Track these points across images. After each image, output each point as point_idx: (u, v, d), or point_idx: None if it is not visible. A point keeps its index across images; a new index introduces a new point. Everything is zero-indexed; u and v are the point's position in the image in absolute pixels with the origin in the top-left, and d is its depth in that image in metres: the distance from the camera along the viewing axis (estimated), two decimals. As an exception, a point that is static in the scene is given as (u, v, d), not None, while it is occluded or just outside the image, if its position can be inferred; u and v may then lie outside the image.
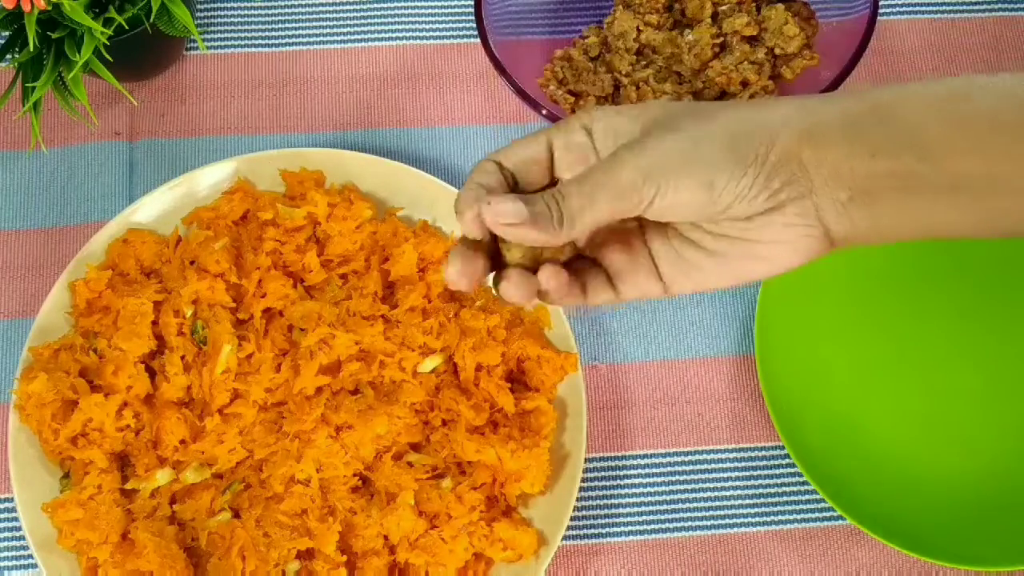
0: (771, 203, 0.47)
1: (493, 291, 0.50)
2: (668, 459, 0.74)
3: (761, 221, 0.47)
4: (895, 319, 0.76)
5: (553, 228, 0.47)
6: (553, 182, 0.51)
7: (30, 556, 0.70)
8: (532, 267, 0.49)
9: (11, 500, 0.70)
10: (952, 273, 0.77)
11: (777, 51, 0.77)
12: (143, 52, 0.77)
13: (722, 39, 0.78)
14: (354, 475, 0.69)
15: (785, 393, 0.71)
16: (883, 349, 0.75)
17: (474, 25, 0.74)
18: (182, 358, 0.71)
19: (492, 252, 0.49)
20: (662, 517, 0.73)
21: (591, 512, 0.73)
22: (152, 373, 0.71)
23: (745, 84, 0.76)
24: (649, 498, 0.73)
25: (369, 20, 0.84)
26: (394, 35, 0.83)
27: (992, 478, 0.72)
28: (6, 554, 0.71)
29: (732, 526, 0.72)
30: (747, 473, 0.74)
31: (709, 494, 0.73)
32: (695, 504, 0.73)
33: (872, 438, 0.73)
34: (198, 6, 0.83)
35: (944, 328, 0.76)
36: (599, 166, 0.47)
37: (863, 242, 0.48)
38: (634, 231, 0.52)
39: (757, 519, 0.73)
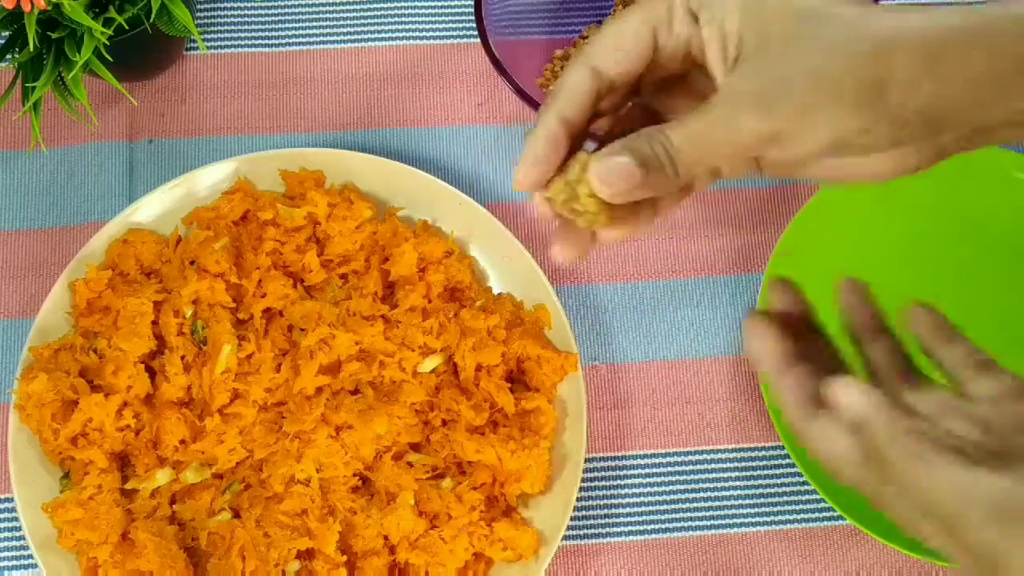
0: (893, 145, 0.43)
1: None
2: (668, 459, 0.74)
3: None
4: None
5: (667, 181, 0.42)
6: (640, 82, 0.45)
7: (30, 556, 0.70)
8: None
9: (11, 500, 0.70)
10: (955, 274, 0.77)
11: (777, 51, 0.77)
12: (143, 52, 0.77)
13: (722, 39, 0.77)
14: (354, 475, 0.69)
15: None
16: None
17: (474, 25, 0.74)
18: (182, 358, 0.71)
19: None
20: (662, 517, 0.73)
21: (591, 512, 0.73)
22: (152, 373, 0.71)
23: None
24: (649, 498, 0.73)
25: (369, 20, 0.84)
26: (394, 35, 0.83)
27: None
28: (6, 554, 0.71)
29: (732, 526, 0.72)
30: (747, 473, 0.74)
31: (709, 494, 0.73)
32: (695, 504, 0.73)
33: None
34: (198, 6, 0.83)
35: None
36: (715, 113, 0.41)
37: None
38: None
39: (757, 519, 0.73)
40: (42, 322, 0.72)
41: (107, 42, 0.68)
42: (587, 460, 0.73)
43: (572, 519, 0.71)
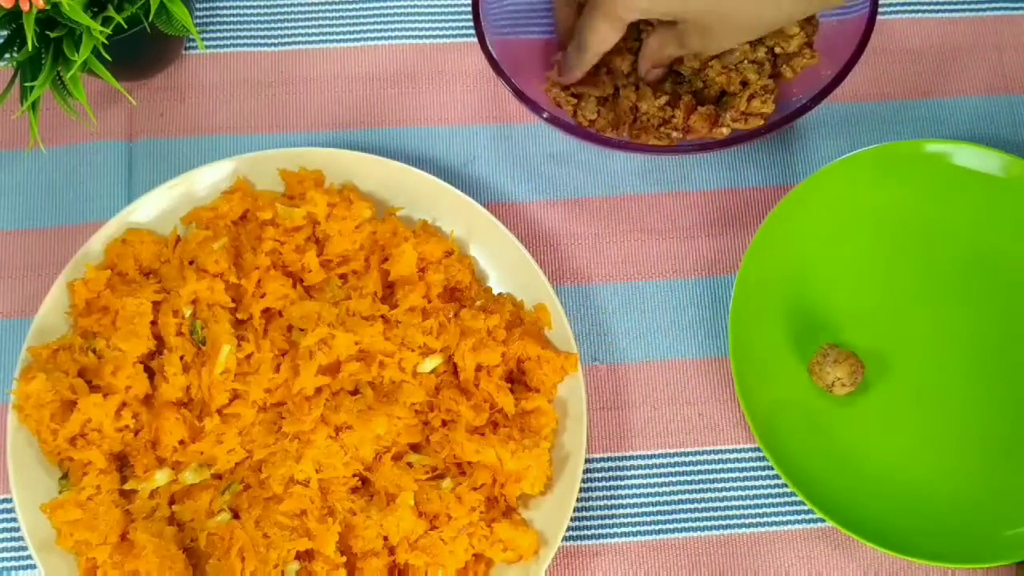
0: None
1: None
2: (669, 459, 0.74)
3: None
4: (884, 319, 0.76)
5: None
6: None
7: (29, 557, 0.70)
8: None
9: (10, 501, 0.70)
10: (931, 276, 0.76)
11: (777, 50, 0.77)
12: (142, 51, 0.77)
13: (722, 38, 0.77)
14: (354, 476, 0.69)
15: (759, 396, 0.71)
16: (872, 349, 0.75)
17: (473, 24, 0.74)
18: (181, 358, 0.70)
19: None
20: (663, 518, 0.73)
21: (592, 513, 0.73)
22: (151, 373, 0.71)
23: (745, 83, 0.76)
24: (650, 499, 0.73)
25: (368, 19, 0.84)
26: (394, 34, 0.83)
27: (976, 479, 0.72)
28: (5, 555, 0.71)
29: (733, 527, 0.72)
30: (748, 473, 0.73)
31: (710, 494, 0.73)
32: (696, 504, 0.73)
33: (850, 438, 0.73)
34: (197, 5, 0.83)
35: (922, 328, 0.75)
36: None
37: None
38: None
39: (758, 519, 0.72)
40: (41, 322, 0.72)
41: (106, 41, 0.68)
42: (587, 460, 0.73)
43: (572, 520, 0.71)
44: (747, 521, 0.72)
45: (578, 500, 0.71)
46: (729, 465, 0.74)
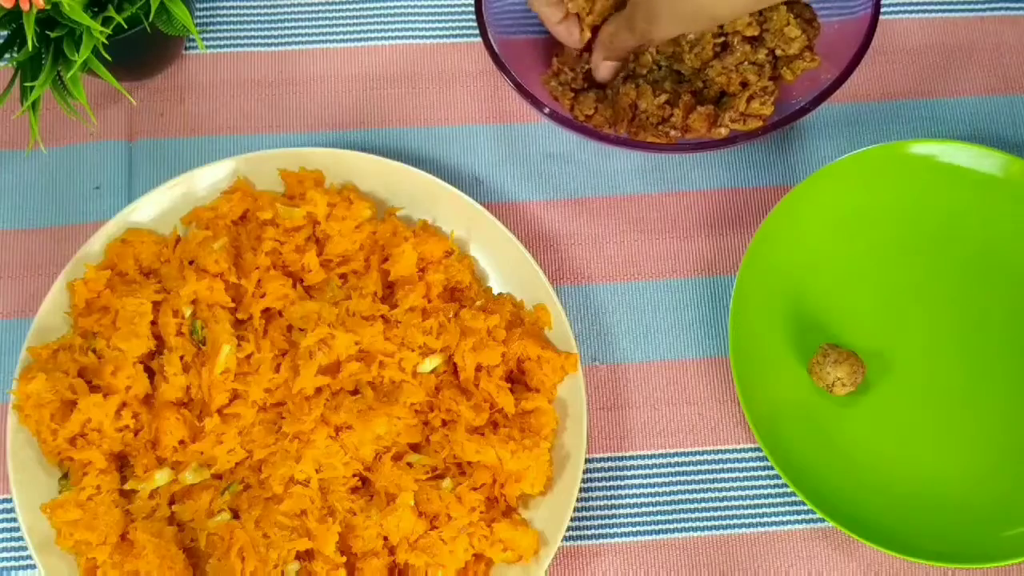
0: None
1: None
2: (669, 459, 0.74)
3: None
4: (876, 317, 0.76)
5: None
6: None
7: (29, 557, 0.70)
8: None
9: (10, 501, 0.70)
10: (931, 275, 0.77)
11: (778, 52, 0.77)
12: (142, 51, 0.77)
13: (723, 39, 0.77)
14: (354, 476, 0.69)
15: (759, 396, 0.71)
16: (872, 349, 0.75)
17: (474, 24, 0.74)
18: (181, 358, 0.70)
19: None
20: (663, 518, 0.73)
21: (592, 513, 0.73)
22: (151, 373, 0.71)
23: (745, 85, 0.76)
24: (650, 498, 0.73)
25: (369, 19, 0.84)
26: (394, 34, 0.83)
27: (976, 479, 0.72)
28: (5, 555, 0.71)
29: (733, 527, 0.72)
30: (748, 473, 0.73)
31: (709, 495, 0.73)
32: (696, 505, 0.73)
33: (850, 438, 0.73)
34: (197, 5, 0.83)
35: (922, 328, 0.75)
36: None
37: None
38: None
39: (758, 519, 0.73)
40: (41, 322, 0.72)
41: (106, 41, 0.68)
42: (587, 460, 0.73)
43: (572, 520, 0.71)
44: (747, 521, 0.72)
45: (578, 500, 0.71)
46: (729, 465, 0.74)
